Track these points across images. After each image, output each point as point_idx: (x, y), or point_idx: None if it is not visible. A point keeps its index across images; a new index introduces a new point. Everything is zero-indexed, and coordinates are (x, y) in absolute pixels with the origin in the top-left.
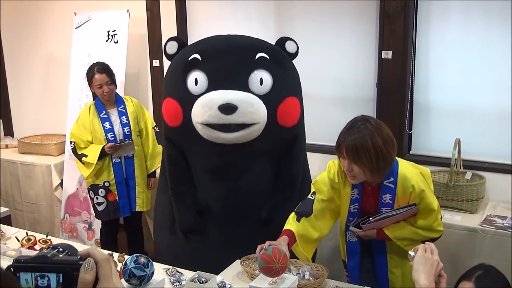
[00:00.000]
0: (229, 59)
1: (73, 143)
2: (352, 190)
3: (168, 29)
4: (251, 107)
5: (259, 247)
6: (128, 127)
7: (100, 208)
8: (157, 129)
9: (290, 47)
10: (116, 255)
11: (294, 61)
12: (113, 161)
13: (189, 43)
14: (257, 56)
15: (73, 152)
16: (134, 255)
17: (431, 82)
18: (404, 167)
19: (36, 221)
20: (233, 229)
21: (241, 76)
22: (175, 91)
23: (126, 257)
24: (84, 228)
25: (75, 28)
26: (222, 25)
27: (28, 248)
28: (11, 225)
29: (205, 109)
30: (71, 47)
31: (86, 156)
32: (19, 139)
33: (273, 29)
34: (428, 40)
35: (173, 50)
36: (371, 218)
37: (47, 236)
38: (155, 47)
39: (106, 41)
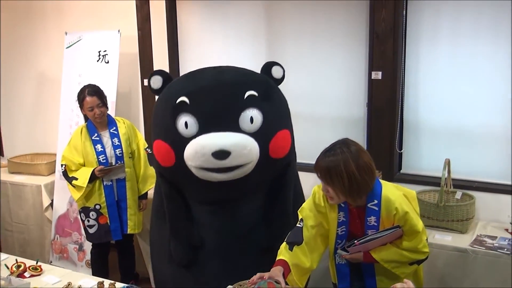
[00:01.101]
0: (217, 100)
1: (64, 165)
2: (339, 213)
3: (159, 48)
4: (244, 149)
5: (258, 275)
6: (120, 149)
7: (91, 231)
8: (149, 150)
9: (276, 72)
10: (107, 283)
11: (284, 82)
12: (104, 183)
13: (180, 63)
14: (246, 95)
15: (63, 175)
16: (126, 285)
17: (421, 102)
18: (388, 189)
19: (26, 242)
20: (232, 259)
21: (231, 117)
22: (165, 134)
23: (117, 285)
24: (75, 249)
25: (66, 47)
26: (213, 45)
27: (18, 276)
28: (0, 250)
29: (198, 155)
30: (62, 67)
31: (76, 179)
32: (9, 158)
33: (264, 50)
34: (417, 60)
35: (158, 84)
36: (355, 241)
37: (37, 263)
38: (146, 67)
39: (97, 61)
